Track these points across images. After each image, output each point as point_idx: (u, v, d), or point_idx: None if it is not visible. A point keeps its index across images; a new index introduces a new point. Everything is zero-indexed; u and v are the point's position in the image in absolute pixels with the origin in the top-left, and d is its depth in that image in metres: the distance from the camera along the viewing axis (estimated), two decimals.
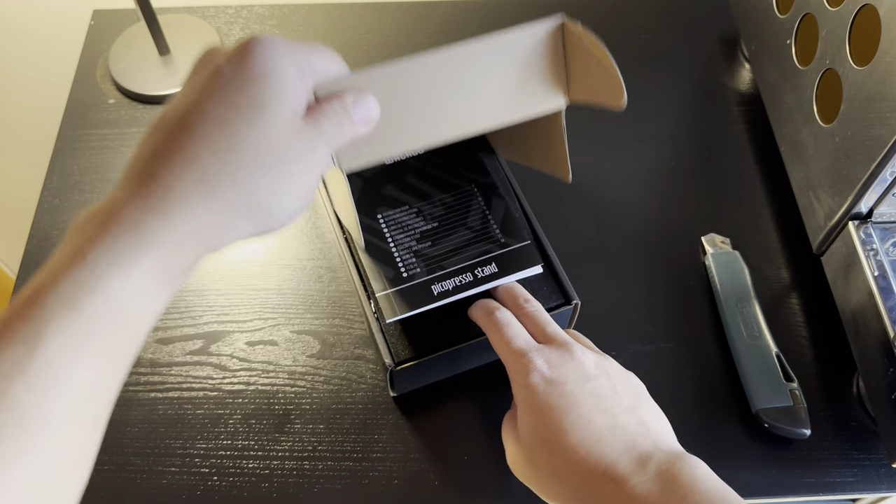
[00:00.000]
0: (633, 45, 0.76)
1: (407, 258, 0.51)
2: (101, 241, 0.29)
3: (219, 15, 0.78)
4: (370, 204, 0.53)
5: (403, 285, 0.49)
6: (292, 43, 0.35)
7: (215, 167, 0.30)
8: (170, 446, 0.54)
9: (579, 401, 0.40)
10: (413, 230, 0.52)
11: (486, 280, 0.49)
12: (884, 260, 0.51)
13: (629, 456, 0.38)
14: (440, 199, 0.53)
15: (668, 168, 0.68)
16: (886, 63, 0.47)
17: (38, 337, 0.26)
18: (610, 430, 0.39)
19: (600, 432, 0.39)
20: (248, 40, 0.33)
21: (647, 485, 0.36)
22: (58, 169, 0.68)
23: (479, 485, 0.52)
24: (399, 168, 0.55)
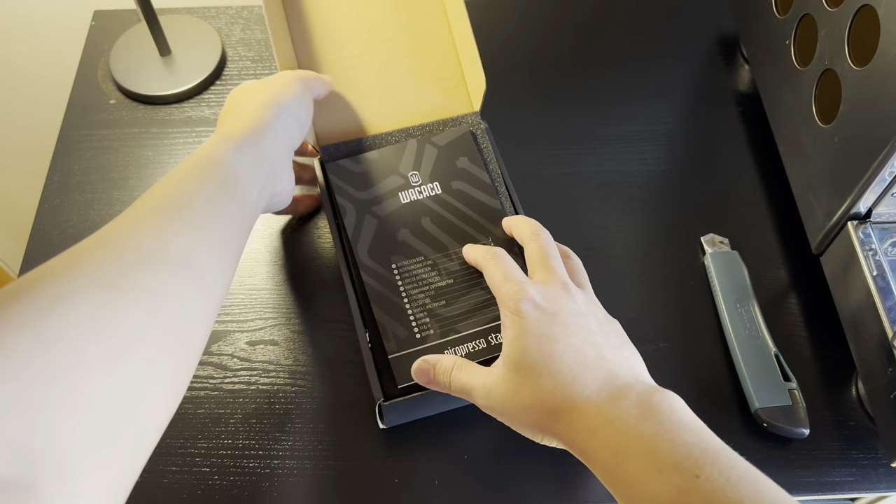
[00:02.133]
0: (632, 46, 0.76)
1: (421, 317, 0.50)
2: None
3: (219, 16, 0.78)
4: (384, 248, 0.52)
5: (417, 347, 0.49)
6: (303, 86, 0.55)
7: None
8: (170, 446, 0.54)
9: (570, 332, 0.42)
10: (427, 286, 0.51)
11: (500, 348, 0.46)
12: (882, 260, 0.51)
13: (613, 384, 0.40)
14: (456, 252, 0.52)
15: (668, 168, 0.68)
16: (885, 63, 0.47)
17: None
18: (597, 360, 0.41)
19: (588, 361, 0.41)
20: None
21: (626, 409, 0.38)
22: (58, 169, 0.68)
23: (479, 485, 0.52)
24: (415, 210, 0.54)
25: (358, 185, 0.55)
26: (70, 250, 0.34)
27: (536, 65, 0.75)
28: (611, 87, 0.73)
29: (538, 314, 0.42)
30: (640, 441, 0.36)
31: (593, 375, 0.40)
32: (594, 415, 0.38)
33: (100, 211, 0.65)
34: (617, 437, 0.37)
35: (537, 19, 0.79)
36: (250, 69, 0.75)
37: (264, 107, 0.48)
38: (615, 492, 0.37)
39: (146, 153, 0.69)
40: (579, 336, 0.42)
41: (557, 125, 0.70)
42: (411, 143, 0.56)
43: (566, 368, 0.40)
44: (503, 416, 0.43)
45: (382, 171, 0.55)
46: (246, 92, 0.51)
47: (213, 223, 0.40)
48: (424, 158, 0.55)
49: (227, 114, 0.50)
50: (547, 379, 0.40)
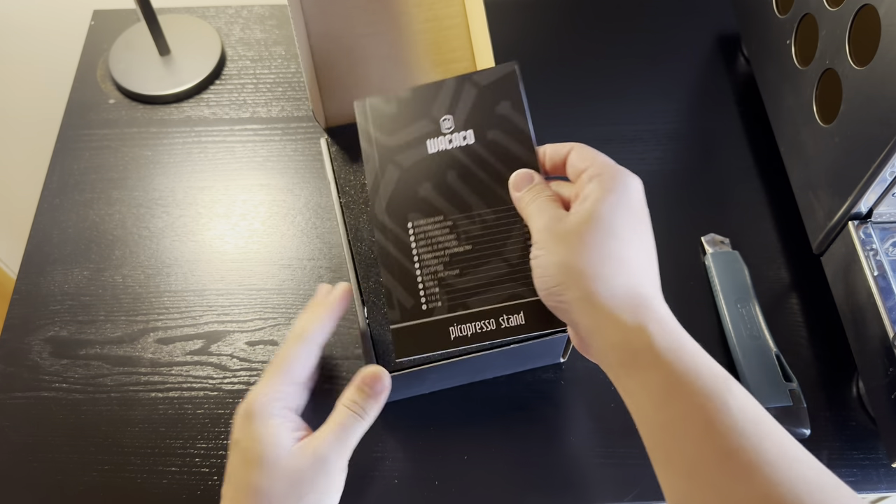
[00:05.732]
0: (633, 45, 0.76)
1: (430, 286, 0.45)
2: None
3: (219, 15, 0.78)
4: (403, 204, 0.47)
5: (421, 320, 0.45)
6: (270, 388, 0.43)
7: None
8: (170, 446, 0.54)
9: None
10: (443, 251, 0.46)
11: (510, 332, 0.43)
12: (883, 260, 0.51)
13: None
14: (480, 214, 0.46)
15: (668, 168, 0.68)
16: (886, 63, 0.47)
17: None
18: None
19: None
20: (239, 410, 0.43)
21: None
22: (58, 169, 0.68)
23: (479, 485, 0.52)
24: (442, 162, 0.47)
25: (384, 129, 0.48)
26: None
27: (537, 64, 0.75)
28: (611, 86, 0.73)
29: (637, 184, 0.42)
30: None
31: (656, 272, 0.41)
32: (657, 307, 0.38)
33: (99, 211, 0.65)
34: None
35: (538, 19, 0.79)
36: (250, 69, 0.75)
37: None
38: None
39: (145, 153, 0.69)
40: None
41: (558, 124, 0.70)
42: (449, 83, 0.49)
43: (651, 244, 0.41)
44: (568, 272, 0.38)
45: (413, 114, 0.49)
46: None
47: None
48: (462, 100, 0.48)
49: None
50: (649, 253, 0.41)
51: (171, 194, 0.66)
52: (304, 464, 0.40)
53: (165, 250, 0.63)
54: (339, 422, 0.42)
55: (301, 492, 0.39)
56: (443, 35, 0.61)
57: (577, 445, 0.54)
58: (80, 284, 0.61)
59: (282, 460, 0.40)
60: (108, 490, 0.52)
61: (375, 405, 0.43)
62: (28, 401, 0.56)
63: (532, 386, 0.56)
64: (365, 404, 0.43)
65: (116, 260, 0.62)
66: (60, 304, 0.60)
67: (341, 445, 0.41)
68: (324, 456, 0.40)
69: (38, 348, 0.58)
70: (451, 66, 0.61)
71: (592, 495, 0.52)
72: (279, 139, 0.70)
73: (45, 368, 0.57)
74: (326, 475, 0.40)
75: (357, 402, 0.43)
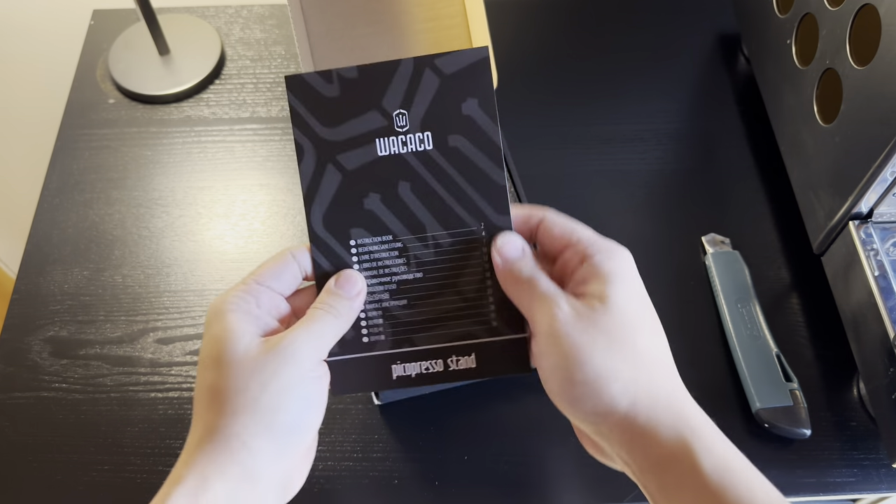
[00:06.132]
0: (633, 45, 0.76)
1: (373, 317, 0.39)
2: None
3: (219, 15, 0.78)
4: (345, 216, 0.40)
5: (359, 354, 0.39)
6: (232, 288, 0.38)
7: (215, 422, 0.34)
8: (170, 446, 0.54)
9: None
10: (390, 277, 0.40)
11: (459, 375, 0.38)
12: (884, 260, 0.51)
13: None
14: (435, 237, 0.40)
15: (669, 167, 0.68)
16: (886, 63, 0.47)
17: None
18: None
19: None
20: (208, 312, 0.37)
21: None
22: (57, 168, 0.68)
23: (479, 485, 0.52)
24: (394, 168, 0.40)
25: (324, 118, 0.40)
26: None
27: (537, 64, 0.75)
28: (612, 86, 0.73)
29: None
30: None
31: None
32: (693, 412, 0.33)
33: (98, 211, 0.65)
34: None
35: (538, 19, 0.79)
36: (249, 68, 0.74)
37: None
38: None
39: (145, 153, 0.69)
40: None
41: (559, 124, 0.70)
42: (406, 64, 0.40)
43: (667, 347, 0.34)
44: (575, 358, 0.32)
45: (361, 102, 0.40)
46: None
47: None
48: (420, 91, 0.40)
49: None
50: (653, 339, 0.34)
51: (170, 194, 0.66)
52: (264, 355, 0.34)
53: (165, 250, 0.63)
54: (308, 317, 0.36)
55: (262, 381, 0.33)
56: (443, 35, 0.61)
57: (577, 445, 0.54)
58: (80, 284, 0.61)
59: (238, 354, 0.34)
60: (108, 490, 0.52)
61: (348, 305, 0.37)
62: (28, 401, 0.56)
63: (532, 386, 0.56)
64: (337, 304, 0.36)
65: (116, 260, 0.62)
66: (60, 304, 0.60)
67: (310, 337, 0.34)
68: (288, 345, 0.34)
69: (37, 348, 0.58)
70: None
71: (592, 495, 0.52)
72: (279, 139, 0.70)
73: (45, 368, 0.57)
74: (294, 365, 0.33)
75: (328, 302, 0.36)
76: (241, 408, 0.32)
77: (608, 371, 0.31)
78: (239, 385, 0.33)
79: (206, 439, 0.32)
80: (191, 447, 0.33)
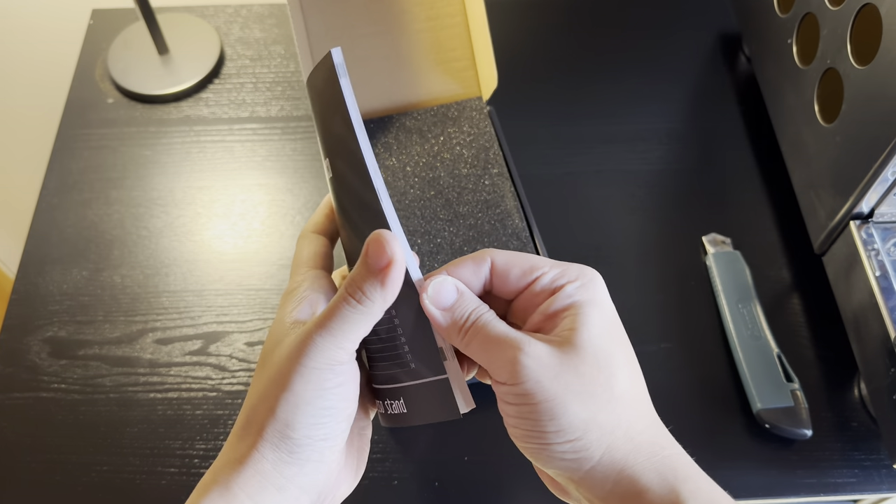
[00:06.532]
0: (634, 45, 0.76)
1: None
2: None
3: (218, 14, 0.78)
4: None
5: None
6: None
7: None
8: (169, 447, 0.53)
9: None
10: None
11: (398, 420, 0.34)
12: (885, 260, 0.51)
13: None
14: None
15: (669, 167, 0.68)
16: (887, 62, 0.46)
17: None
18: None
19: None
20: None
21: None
22: (56, 168, 0.67)
23: (479, 485, 0.52)
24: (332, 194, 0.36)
25: (319, 113, 0.36)
26: None
27: (538, 64, 0.75)
28: (612, 85, 0.73)
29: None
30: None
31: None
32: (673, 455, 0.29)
33: (98, 210, 0.65)
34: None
35: (539, 19, 0.78)
36: (249, 68, 0.74)
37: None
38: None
39: (144, 152, 0.69)
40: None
41: (559, 124, 0.70)
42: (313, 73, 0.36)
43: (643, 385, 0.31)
44: (558, 400, 0.28)
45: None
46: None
47: None
48: (314, 112, 0.36)
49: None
50: (630, 381, 0.30)
51: (169, 194, 0.66)
52: (280, 334, 0.31)
53: (164, 250, 0.63)
54: (329, 307, 0.30)
55: (266, 360, 0.31)
56: (443, 34, 0.61)
57: None
58: (79, 284, 0.61)
59: (272, 330, 0.32)
60: (107, 491, 0.52)
61: (378, 288, 0.30)
62: (26, 401, 0.56)
63: None
64: (364, 286, 0.30)
65: (115, 260, 0.62)
66: (59, 304, 0.60)
67: (327, 332, 0.29)
68: (303, 333, 0.30)
69: (36, 349, 0.58)
70: (451, 66, 0.61)
71: None
72: (278, 138, 0.70)
73: (44, 369, 0.57)
74: (301, 352, 0.29)
75: (356, 282, 0.30)
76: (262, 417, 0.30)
77: (584, 421, 0.28)
78: (261, 359, 0.32)
79: (229, 448, 0.31)
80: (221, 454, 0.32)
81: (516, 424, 0.29)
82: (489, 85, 0.60)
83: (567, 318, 0.29)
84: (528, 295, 0.31)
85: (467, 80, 0.61)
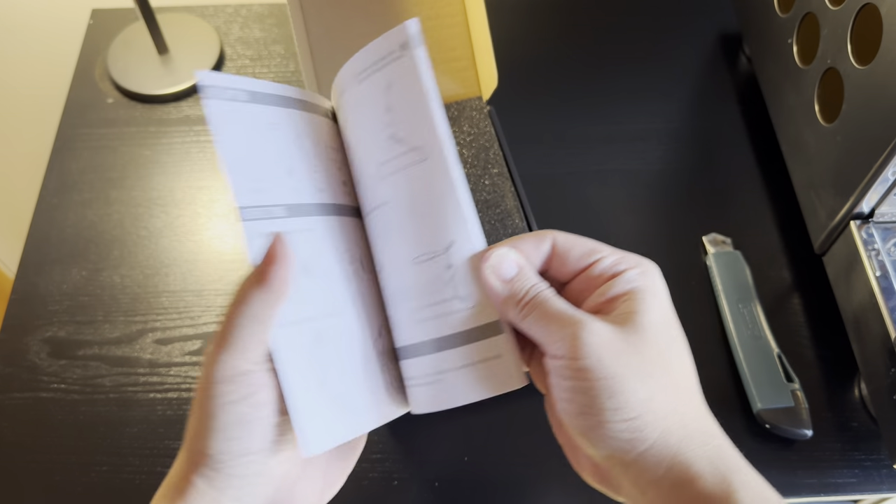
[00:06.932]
0: (634, 45, 0.76)
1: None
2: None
3: (217, 14, 0.78)
4: None
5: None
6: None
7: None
8: (168, 447, 0.53)
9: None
10: None
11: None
12: (886, 260, 0.51)
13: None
14: None
15: (670, 167, 0.68)
16: (888, 62, 0.46)
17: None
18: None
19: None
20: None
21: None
22: (56, 168, 0.67)
23: (479, 486, 0.52)
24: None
25: None
26: None
27: (538, 64, 0.75)
28: (613, 85, 0.73)
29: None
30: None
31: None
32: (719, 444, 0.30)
33: (97, 210, 0.65)
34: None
35: (539, 19, 0.78)
36: (248, 67, 0.74)
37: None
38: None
39: (144, 152, 0.69)
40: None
41: (559, 124, 0.70)
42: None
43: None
44: (621, 377, 0.28)
45: None
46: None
47: None
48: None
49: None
50: (685, 369, 0.30)
51: (169, 194, 0.66)
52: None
53: (164, 250, 0.63)
54: (223, 319, 0.31)
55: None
56: (443, 34, 0.61)
57: None
58: (79, 285, 0.61)
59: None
60: (107, 491, 0.52)
61: (257, 288, 0.31)
62: (26, 401, 0.56)
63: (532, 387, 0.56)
64: (247, 290, 0.31)
65: (115, 260, 0.62)
66: (59, 304, 0.60)
67: (224, 344, 0.29)
68: (208, 352, 0.30)
69: (36, 349, 0.58)
70: (452, 65, 0.61)
71: (592, 496, 0.52)
72: None
73: (44, 369, 0.57)
74: (206, 368, 0.29)
75: (241, 288, 0.31)
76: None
77: (642, 401, 0.28)
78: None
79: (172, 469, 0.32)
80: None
81: (570, 399, 0.29)
82: (489, 85, 0.60)
83: (627, 302, 0.29)
84: (586, 277, 0.31)
85: (467, 79, 0.61)
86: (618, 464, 0.29)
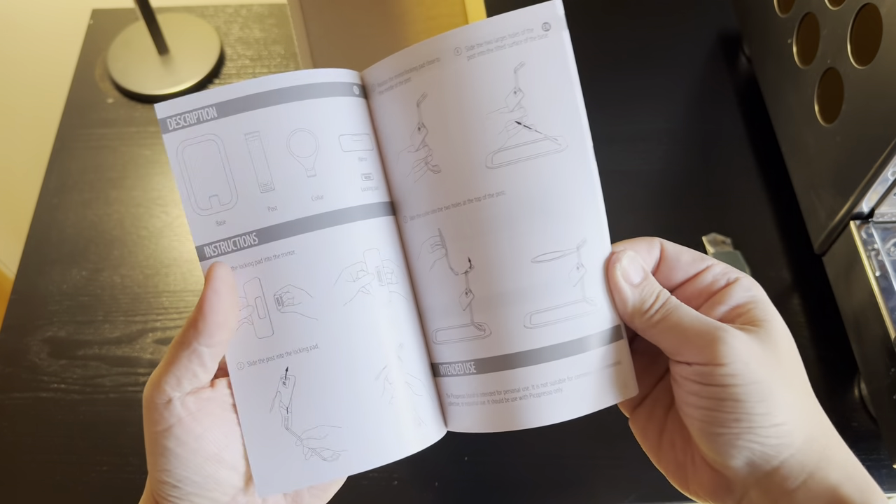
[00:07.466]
0: (634, 45, 0.76)
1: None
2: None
3: (218, 14, 0.78)
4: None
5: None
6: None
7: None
8: None
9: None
10: None
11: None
12: (885, 260, 0.51)
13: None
14: None
15: (670, 167, 0.68)
16: (888, 62, 0.46)
17: None
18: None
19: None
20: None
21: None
22: (56, 168, 0.67)
23: (479, 486, 0.52)
24: None
25: None
26: None
27: None
28: (612, 86, 0.73)
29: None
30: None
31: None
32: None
33: (97, 210, 0.65)
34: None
35: None
36: (249, 67, 0.74)
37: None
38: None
39: (144, 152, 0.69)
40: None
41: None
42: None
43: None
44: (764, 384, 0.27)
45: None
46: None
47: None
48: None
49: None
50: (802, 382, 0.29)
51: (169, 194, 0.66)
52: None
53: (164, 250, 0.63)
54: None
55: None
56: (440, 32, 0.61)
57: (577, 446, 0.54)
58: (79, 285, 0.61)
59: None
60: (107, 491, 0.52)
61: (192, 325, 0.28)
62: (26, 401, 0.56)
63: None
64: (188, 320, 0.29)
65: (115, 260, 0.62)
66: (59, 304, 0.60)
67: (155, 377, 0.28)
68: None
69: (36, 349, 0.58)
70: None
71: (593, 496, 0.52)
72: None
73: (44, 369, 0.57)
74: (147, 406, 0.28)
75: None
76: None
77: (790, 406, 0.27)
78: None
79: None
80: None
81: (707, 406, 0.28)
82: None
83: (753, 311, 0.29)
84: (696, 284, 0.30)
85: None
86: (753, 473, 0.28)
